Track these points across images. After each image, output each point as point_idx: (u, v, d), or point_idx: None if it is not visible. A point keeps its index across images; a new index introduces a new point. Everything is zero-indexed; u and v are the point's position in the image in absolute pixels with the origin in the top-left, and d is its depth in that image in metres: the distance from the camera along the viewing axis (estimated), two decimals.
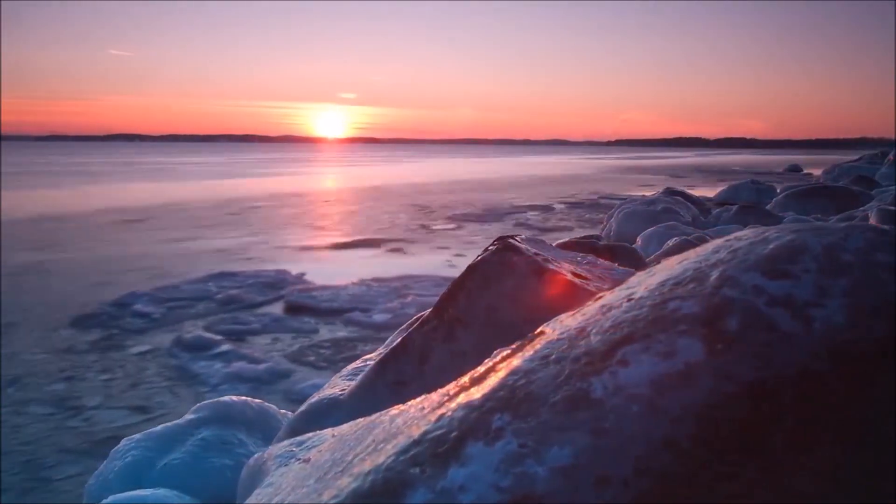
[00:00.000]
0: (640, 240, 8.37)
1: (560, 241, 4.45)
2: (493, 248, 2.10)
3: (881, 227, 0.99)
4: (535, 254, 2.07)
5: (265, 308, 8.06)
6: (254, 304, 8.15)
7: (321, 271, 10.07)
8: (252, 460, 1.67)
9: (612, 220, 11.17)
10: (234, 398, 2.69)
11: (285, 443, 1.58)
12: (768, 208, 11.66)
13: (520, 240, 2.15)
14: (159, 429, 2.53)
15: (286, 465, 1.40)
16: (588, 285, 1.94)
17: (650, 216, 10.23)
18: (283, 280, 9.28)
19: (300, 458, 1.38)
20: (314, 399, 2.22)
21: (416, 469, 0.90)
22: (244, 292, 8.52)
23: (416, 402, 1.20)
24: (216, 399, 2.70)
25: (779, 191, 14.89)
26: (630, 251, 4.66)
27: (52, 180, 32.21)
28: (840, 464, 0.81)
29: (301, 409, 2.21)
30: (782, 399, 0.84)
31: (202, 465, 2.35)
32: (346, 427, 1.40)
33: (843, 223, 1.05)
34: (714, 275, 0.98)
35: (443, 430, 0.94)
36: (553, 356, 0.98)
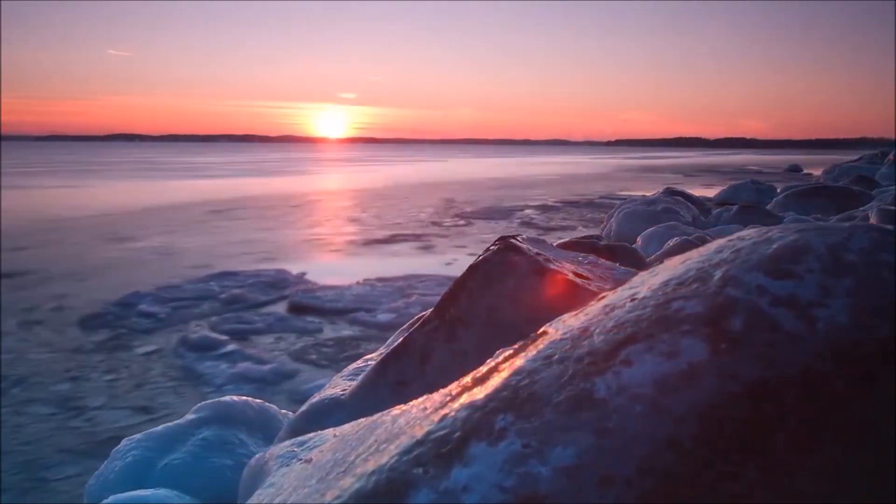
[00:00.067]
0: (640, 240, 8.36)
1: (561, 241, 4.45)
2: (495, 247, 2.10)
3: (885, 227, 0.99)
4: (537, 254, 2.06)
5: (269, 308, 8.05)
6: (258, 304, 8.16)
7: (327, 271, 10.09)
8: (253, 460, 1.67)
9: (612, 220, 11.16)
10: (235, 398, 2.69)
11: (287, 443, 1.58)
12: (768, 208, 11.65)
13: (521, 240, 2.15)
14: (160, 429, 2.53)
15: (288, 466, 1.40)
16: (589, 285, 1.94)
17: (650, 216, 10.22)
18: (286, 280, 9.28)
19: (302, 459, 1.37)
20: (315, 399, 2.22)
21: (420, 469, 0.89)
22: (248, 292, 8.53)
23: (418, 403, 1.20)
24: (217, 399, 2.69)
25: (779, 191, 14.88)
26: (630, 251, 4.65)
27: (58, 178, 32.40)
28: (842, 464, 0.81)
29: (302, 409, 2.20)
30: (785, 399, 0.84)
31: (203, 466, 2.34)
32: (347, 427, 1.40)
33: (847, 223, 1.04)
34: (717, 275, 0.98)
35: (446, 431, 0.93)
36: (556, 356, 0.98)
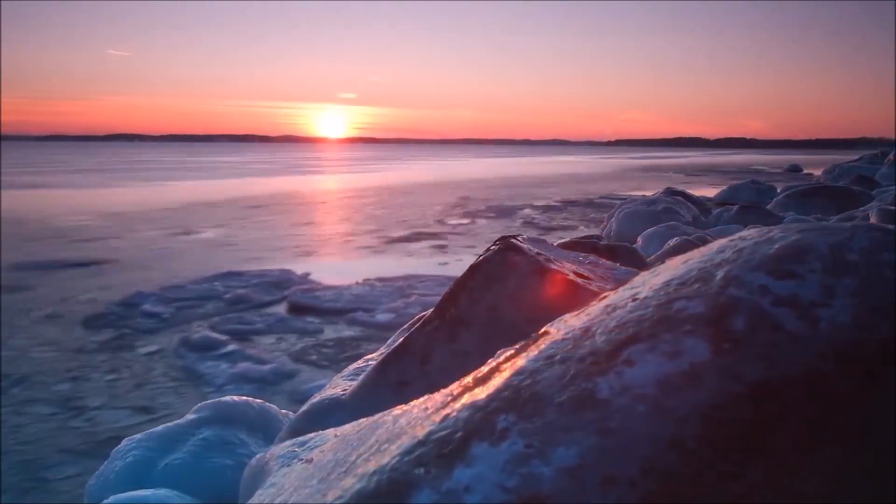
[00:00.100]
0: (640, 240, 8.35)
1: (562, 241, 4.45)
2: (495, 247, 2.10)
3: (886, 226, 0.99)
4: (538, 253, 2.06)
5: (270, 308, 8.07)
6: (259, 304, 8.16)
7: (331, 270, 10.09)
8: (254, 460, 1.67)
9: (613, 220, 11.16)
10: (236, 398, 2.68)
11: (287, 443, 1.58)
12: (769, 208, 11.66)
13: (521, 239, 2.15)
14: (160, 429, 2.52)
15: (288, 466, 1.39)
16: (590, 285, 1.94)
17: (650, 216, 10.22)
18: (290, 280, 9.28)
19: (303, 459, 1.37)
20: (316, 399, 2.22)
21: (421, 470, 0.89)
22: (251, 292, 8.53)
23: (420, 403, 1.20)
24: (217, 399, 2.69)
25: (779, 191, 14.89)
26: (631, 251, 4.64)
27: (64, 178, 32.53)
28: (844, 464, 0.80)
29: (303, 409, 2.20)
30: (787, 399, 0.84)
31: (203, 466, 2.34)
32: (348, 427, 1.40)
33: (849, 223, 1.04)
34: (719, 275, 0.98)
35: (448, 431, 0.93)
36: (558, 356, 0.98)
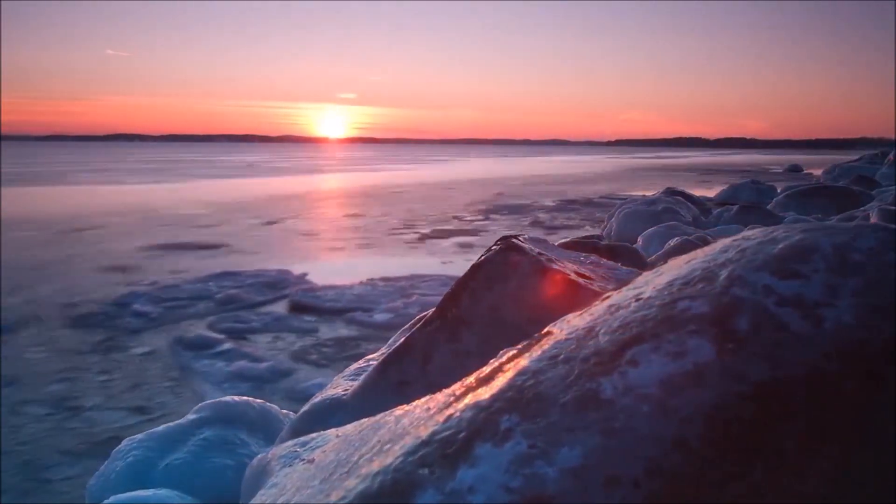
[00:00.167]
0: (640, 240, 8.35)
1: (563, 240, 4.45)
2: (497, 247, 2.09)
3: (891, 226, 0.99)
4: (539, 253, 2.06)
5: (268, 307, 8.05)
6: (257, 304, 8.14)
7: (329, 270, 10.07)
8: (255, 461, 1.67)
9: (613, 219, 11.16)
10: (236, 398, 2.68)
11: (289, 443, 1.57)
12: (769, 208, 11.66)
13: (522, 239, 2.15)
14: (161, 429, 2.52)
15: (290, 466, 1.39)
16: (592, 285, 1.94)
17: (651, 216, 10.22)
18: (286, 280, 9.27)
19: (304, 459, 1.37)
20: (317, 399, 2.21)
21: (425, 470, 0.89)
22: (245, 291, 8.51)
23: (422, 403, 1.19)
24: (218, 399, 2.69)
25: (779, 191, 14.89)
26: (631, 251, 4.65)
27: (65, 178, 32.56)
28: (848, 464, 0.80)
29: (304, 409, 2.20)
30: (792, 399, 0.83)
31: (204, 466, 2.34)
32: (350, 427, 1.40)
33: (853, 222, 1.04)
34: (723, 274, 0.98)
35: (451, 431, 0.93)
36: (561, 356, 0.98)
